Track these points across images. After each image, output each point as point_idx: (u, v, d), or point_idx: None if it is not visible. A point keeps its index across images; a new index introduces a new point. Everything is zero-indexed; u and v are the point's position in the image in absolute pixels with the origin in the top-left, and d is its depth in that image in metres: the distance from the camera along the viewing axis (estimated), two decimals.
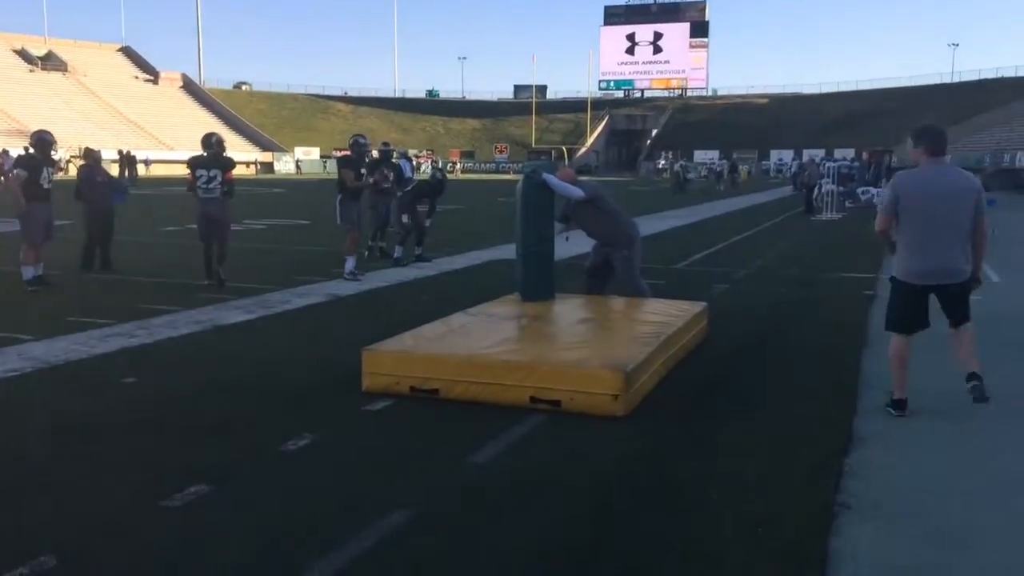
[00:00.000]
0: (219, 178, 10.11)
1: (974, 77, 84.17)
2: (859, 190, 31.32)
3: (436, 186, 12.88)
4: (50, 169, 10.20)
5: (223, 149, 10.48)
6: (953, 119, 66.58)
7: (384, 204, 13.71)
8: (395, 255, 12.43)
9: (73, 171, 39.39)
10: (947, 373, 6.47)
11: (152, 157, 62.46)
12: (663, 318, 6.78)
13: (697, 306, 7.47)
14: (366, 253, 13.22)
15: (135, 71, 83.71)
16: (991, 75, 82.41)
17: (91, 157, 12.14)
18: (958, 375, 6.39)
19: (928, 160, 5.35)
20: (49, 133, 10.41)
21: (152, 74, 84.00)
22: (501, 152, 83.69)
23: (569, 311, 7.22)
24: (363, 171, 11.64)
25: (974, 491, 4.12)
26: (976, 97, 72.87)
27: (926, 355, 7.08)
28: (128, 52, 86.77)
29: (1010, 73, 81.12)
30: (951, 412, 5.45)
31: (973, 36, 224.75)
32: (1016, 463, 4.54)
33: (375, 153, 14.98)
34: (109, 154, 45.97)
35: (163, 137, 70.61)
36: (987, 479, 4.29)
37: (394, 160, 15.13)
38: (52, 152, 10.60)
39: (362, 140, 12.05)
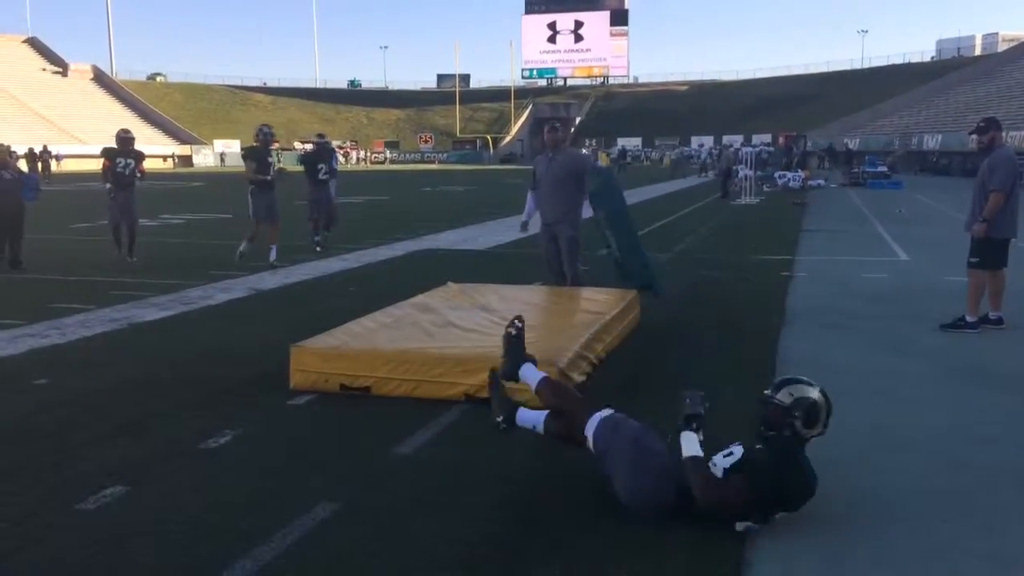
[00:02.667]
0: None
1: (883, 63, 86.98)
2: (776, 174, 32.18)
3: (326, 147, 14.58)
4: None
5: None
6: (863, 104, 68.76)
7: (325, 196, 13.52)
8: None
9: None
10: (861, 347, 6.73)
11: (63, 152, 60.24)
12: (597, 307, 6.78)
13: (629, 293, 7.53)
14: (318, 248, 12.91)
15: (43, 63, 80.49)
16: (899, 60, 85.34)
17: None
18: (871, 349, 6.65)
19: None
20: None
21: (61, 66, 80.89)
22: (426, 142, 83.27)
23: (503, 303, 7.15)
24: (271, 161, 11.52)
25: (886, 462, 4.28)
26: (884, 82, 75.30)
27: (840, 332, 7.34)
28: (35, 43, 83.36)
29: (916, 59, 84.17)
30: (865, 386, 5.64)
31: (881, 23, 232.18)
32: (925, 436, 4.73)
33: (306, 146, 14.98)
34: (19, 150, 44.25)
35: (74, 131, 68.13)
36: (899, 450, 4.46)
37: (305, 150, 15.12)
38: None
39: (267, 130, 11.72)
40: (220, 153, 72.07)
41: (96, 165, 13.26)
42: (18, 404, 5.28)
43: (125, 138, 11.94)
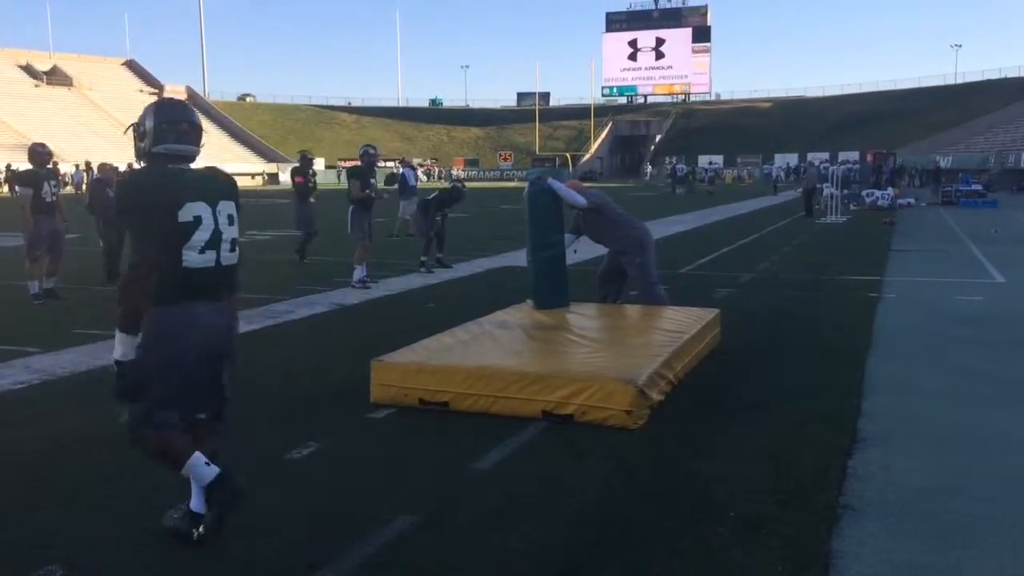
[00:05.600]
0: None
1: (977, 78, 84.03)
2: (864, 192, 31.34)
3: (456, 196, 13.29)
4: (52, 182, 10.22)
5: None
6: (957, 120, 66.56)
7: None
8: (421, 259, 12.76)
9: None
10: (953, 373, 6.48)
11: None
12: (676, 327, 6.68)
13: (710, 313, 7.38)
14: (423, 268, 12.61)
15: (140, 84, 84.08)
16: (994, 76, 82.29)
17: (104, 172, 12.31)
18: (963, 375, 6.40)
19: None
20: (43, 145, 10.42)
21: (157, 87, 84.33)
22: (505, 160, 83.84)
23: (582, 320, 7.15)
24: (373, 181, 11.68)
25: (979, 491, 4.12)
26: (979, 98, 72.77)
27: (930, 356, 7.10)
28: (132, 66, 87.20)
29: (1013, 74, 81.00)
30: (956, 412, 5.44)
31: (976, 37, 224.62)
32: (1021, 463, 4.53)
33: (387, 164, 15.17)
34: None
35: None
36: (992, 478, 4.29)
37: (396, 169, 15.27)
38: (50, 164, 10.64)
39: (372, 150, 11.85)
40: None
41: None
42: (115, 412, 5.49)
43: (309, 158, 14.75)
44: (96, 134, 67.85)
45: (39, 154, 10.18)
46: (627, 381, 5.10)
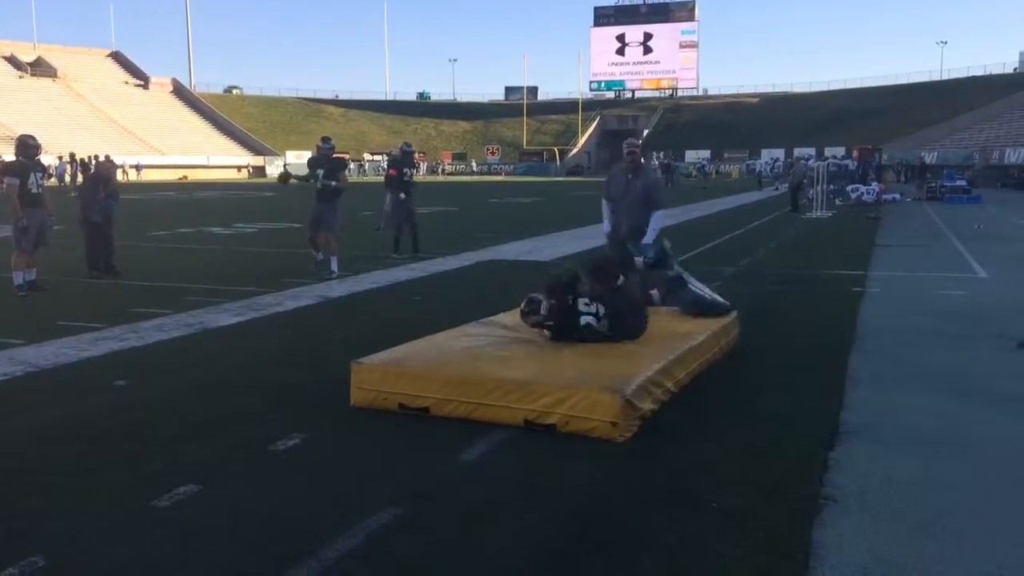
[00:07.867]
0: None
1: (963, 74, 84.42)
2: (849, 188, 31.51)
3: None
4: (39, 174, 10.15)
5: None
6: (942, 116, 66.89)
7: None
8: None
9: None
10: (935, 367, 6.54)
11: (143, 162, 62.33)
12: (687, 329, 6.37)
13: (725, 316, 7.01)
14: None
15: (125, 76, 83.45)
16: (979, 72, 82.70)
17: (102, 168, 12.32)
18: (945, 369, 6.46)
19: None
20: (32, 137, 10.33)
21: (142, 79, 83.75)
22: (493, 154, 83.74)
23: None
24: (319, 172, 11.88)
25: (958, 483, 4.16)
26: (964, 94, 73.09)
27: (913, 351, 7.15)
28: (118, 57, 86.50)
29: (998, 70, 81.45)
30: (937, 406, 5.49)
31: (961, 34, 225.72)
32: (1000, 456, 4.58)
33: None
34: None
35: (154, 142, 70.43)
36: (971, 471, 4.33)
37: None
38: (38, 156, 10.55)
39: (322, 144, 12.24)
40: (285, 164, 73.29)
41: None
42: (98, 404, 5.48)
43: (408, 152, 14.48)
44: (81, 126, 67.35)
45: (29, 147, 10.11)
46: (612, 391, 4.76)
